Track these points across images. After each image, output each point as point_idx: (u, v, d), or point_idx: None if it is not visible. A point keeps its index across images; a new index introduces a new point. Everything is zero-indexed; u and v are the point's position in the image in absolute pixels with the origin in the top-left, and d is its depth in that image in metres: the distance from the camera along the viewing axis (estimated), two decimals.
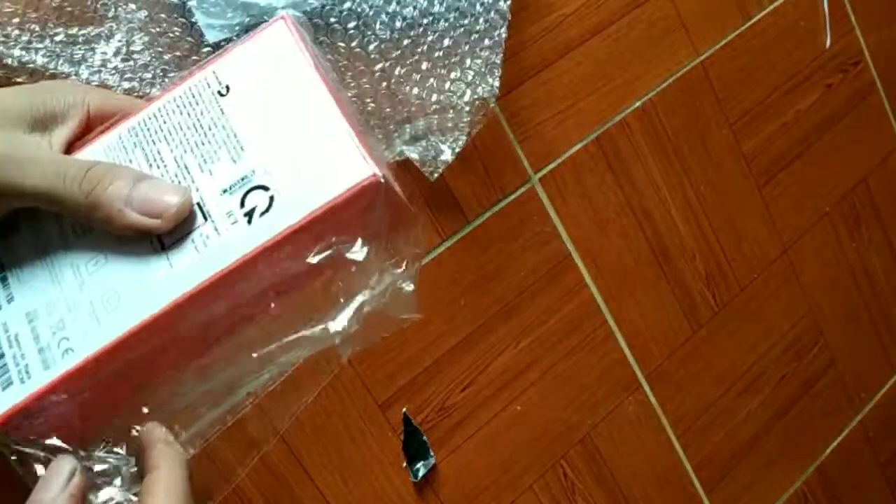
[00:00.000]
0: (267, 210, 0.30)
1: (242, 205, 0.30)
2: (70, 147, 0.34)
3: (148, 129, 0.32)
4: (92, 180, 0.30)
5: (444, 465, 0.78)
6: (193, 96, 0.32)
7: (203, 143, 0.31)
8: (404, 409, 0.76)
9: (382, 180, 0.29)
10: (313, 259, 0.31)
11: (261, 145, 0.31)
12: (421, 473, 0.76)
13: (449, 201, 0.77)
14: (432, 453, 0.77)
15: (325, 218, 0.29)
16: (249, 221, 0.30)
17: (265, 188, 0.30)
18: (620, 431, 0.88)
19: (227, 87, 0.32)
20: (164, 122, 0.32)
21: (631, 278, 0.87)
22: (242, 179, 0.30)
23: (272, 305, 0.32)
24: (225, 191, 0.31)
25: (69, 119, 0.33)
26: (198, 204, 0.31)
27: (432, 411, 0.77)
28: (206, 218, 0.30)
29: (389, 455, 0.76)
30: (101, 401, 0.32)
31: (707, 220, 0.91)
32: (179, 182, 0.31)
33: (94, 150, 0.33)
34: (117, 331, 0.30)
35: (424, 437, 0.77)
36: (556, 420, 0.84)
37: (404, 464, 0.76)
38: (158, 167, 0.32)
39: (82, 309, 0.31)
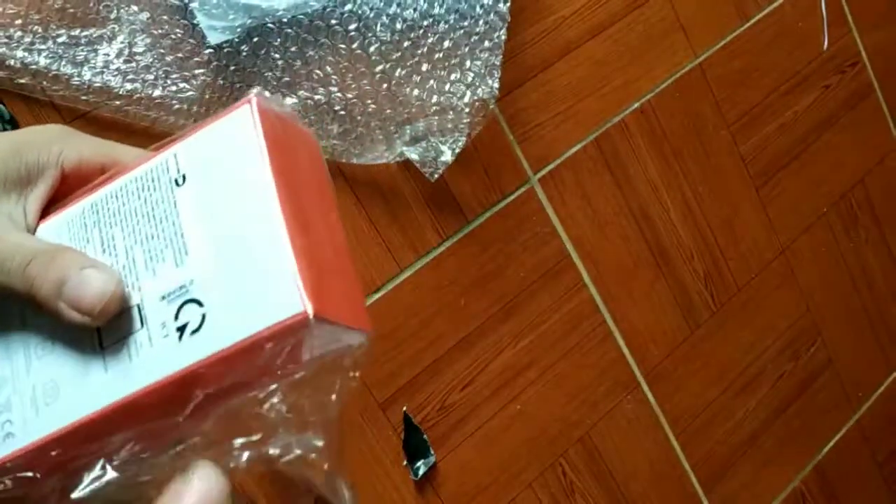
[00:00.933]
0: (197, 330, 0.28)
1: (177, 317, 0.29)
2: (45, 209, 0.33)
3: (108, 209, 0.31)
4: (29, 276, 0.30)
5: (445, 463, 0.79)
6: (152, 180, 0.31)
7: (152, 237, 0.30)
8: (404, 408, 0.76)
9: (312, 318, 0.27)
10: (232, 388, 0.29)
11: (204, 253, 0.29)
12: (421, 472, 0.77)
13: (449, 201, 0.77)
14: (432, 452, 0.77)
15: (251, 350, 0.28)
16: (180, 338, 0.28)
17: (200, 304, 0.29)
18: (619, 430, 0.88)
19: (184, 177, 0.30)
20: (123, 205, 0.31)
21: (629, 278, 0.87)
22: (181, 288, 0.29)
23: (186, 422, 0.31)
24: (164, 297, 0.29)
25: (42, 181, 0.32)
26: (137, 306, 0.30)
27: (432, 410, 0.78)
28: (142, 324, 0.29)
29: (390, 454, 0.76)
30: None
31: (705, 221, 0.92)
32: (126, 277, 0.30)
33: (60, 223, 0.33)
34: (52, 426, 0.30)
35: (425, 436, 0.77)
36: (556, 419, 0.84)
37: (405, 462, 0.77)
38: (111, 255, 0.31)
39: (26, 394, 0.30)
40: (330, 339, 0.29)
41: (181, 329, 0.28)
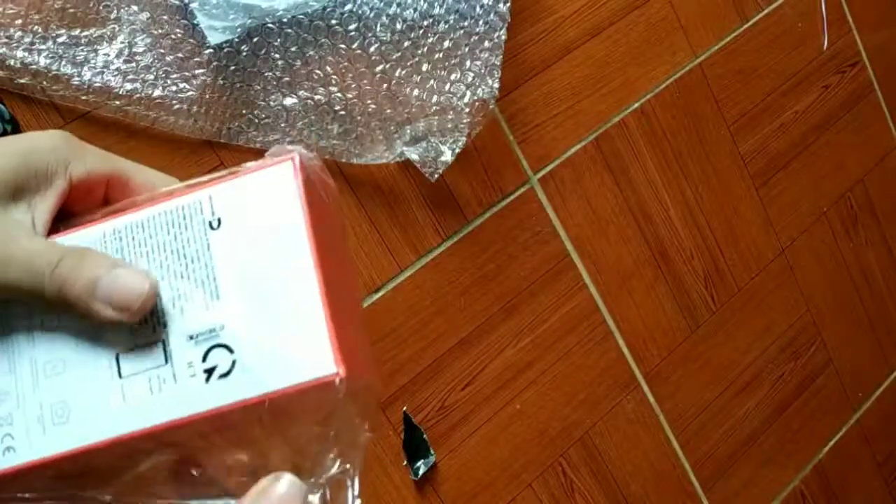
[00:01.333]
0: (226, 374, 0.29)
1: (205, 359, 0.29)
2: (53, 224, 0.32)
3: (133, 238, 0.31)
4: (59, 277, 0.29)
5: (444, 463, 0.79)
6: (184, 218, 0.31)
7: (181, 276, 0.30)
8: (405, 408, 0.76)
9: (342, 380, 0.28)
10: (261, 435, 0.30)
11: (236, 300, 0.30)
12: (421, 471, 0.77)
13: (449, 201, 0.77)
14: (432, 451, 0.77)
15: (280, 400, 0.29)
16: (207, 380, 0.29)
17: (230, 349, 0.29)
18: (619, 430, 0.88)
19: (219, 221, 0.31)
20: (150, 237, 0.31)
21: (629, 278, 0.88)
22: (210, 331, 0.29)
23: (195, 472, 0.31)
24: (191, 337, 0.30)
25: (51, 190, 0.31)
26: (162, 341, 0.30)
27: (432, 410, 0.78)
28: (167, 360, 0.30)
29: (390, 453, 0.76)
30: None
31: (705, 221, 0.92)
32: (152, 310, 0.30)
33: (76, 242, 0.32)
34: (60, 447, 0.30)
35: (425, 436, 0.77)
36: (555, 418, 0.84)
37: (405, 462, 0.77)
38: None
39: (31, 410, 0.30)
40: (353, 399, 0.30)
41: (209, 371, 0.29)
